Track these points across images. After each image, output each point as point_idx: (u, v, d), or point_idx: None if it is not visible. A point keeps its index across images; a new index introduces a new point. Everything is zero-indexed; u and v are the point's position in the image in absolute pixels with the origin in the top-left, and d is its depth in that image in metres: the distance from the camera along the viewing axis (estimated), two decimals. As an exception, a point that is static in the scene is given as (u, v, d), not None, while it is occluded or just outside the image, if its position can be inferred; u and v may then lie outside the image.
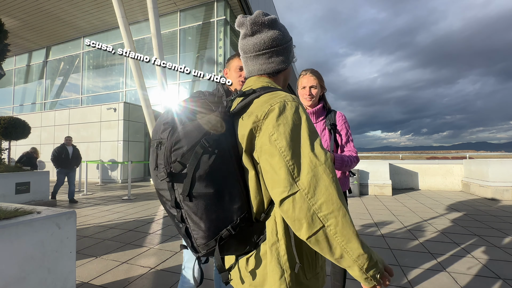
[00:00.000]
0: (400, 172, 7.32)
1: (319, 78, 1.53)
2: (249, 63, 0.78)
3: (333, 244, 0.54)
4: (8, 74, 15.58)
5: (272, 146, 0.58)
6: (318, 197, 0.53)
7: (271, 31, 0.75)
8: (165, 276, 2.19)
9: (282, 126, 0.59)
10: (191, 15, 11.14)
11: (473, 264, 2.37)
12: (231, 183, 0.63)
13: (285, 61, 0.78)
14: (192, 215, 0.62)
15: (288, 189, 0.55)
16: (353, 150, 1.50)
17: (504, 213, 4.30)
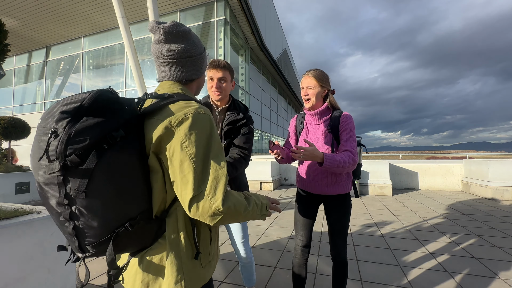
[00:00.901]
0: (400, 172, 7.32)
1: (319, 78, 1.45)
2: (162, 68, 0.82)
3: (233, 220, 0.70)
4: (8, 74, 15.59)
5: (183, 153, 0.64)
6: (218, 196, 0.63)
7: (184, 42, 0.80)
8: (165, 276, 2.19)
9: (194, 135, 0.66)
10: (191, 15, 11.14)
11: (473, 264, 2.37)
12: (133, 181, 0.64)
13: (198, 71, 0.86)
14: (85, 213, 0.59)
15: (195, 191, 0.63)
16: (351, 150, 1.37)
17: (504, 213, 4.30)
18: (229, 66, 1.55)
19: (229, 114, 1.55)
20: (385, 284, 2.03)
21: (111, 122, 0.60)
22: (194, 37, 0.84)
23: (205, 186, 0.64)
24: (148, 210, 0.68)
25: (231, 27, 10.97)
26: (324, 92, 1.47)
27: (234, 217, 0.69)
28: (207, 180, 0.65)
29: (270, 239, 3.09)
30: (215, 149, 0.69)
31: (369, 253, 2.64)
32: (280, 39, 18.88)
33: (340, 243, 1.48)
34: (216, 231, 0.86)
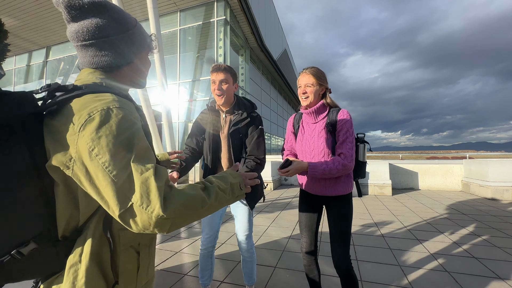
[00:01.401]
0: (400, 172, 7.32)
1: (317, 76, 1.41)
2: (79, 53, 0.66)
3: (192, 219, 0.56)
4: (8, 74, 15.59)
5: (93, 163, 0.50)
6: (154, 203, 0.49)
7: (97, 17, 0.63)
8: (165, 276, 2.19)
9: (104, 138, 0.51)
10: (191, 15, 11.14)
11: (473, 264, 2.37)
12: (22, 196, 0.51)
13: (124, 55, 0.66)
14: None
15: (121, 205, 0.50)
16: (345, 153, 1.32)
17: (504, 213, 4.30)
18: (230, 68, 1.57)
19: (234, 115, 1.59)
20: (385, 284, 2.03)
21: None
22: (112, 10, 0.65)
23: (135, 197, 0.50)
24: (49, 231, 0.55)
25: (231, 27, 10.98)
26: (322, 90, 1.44)
27: (191, 216, 0.55)
28: (133, 189, 0.50)
29: (270, 239, 3.09)
30: (138, 149, 0.54)
31: (369, 253, 2.64)
32: (280, 39, 18.88)
33: (340, 250, 1.40)
34: (148, 253, 0.68)
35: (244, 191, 0.73)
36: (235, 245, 2.89)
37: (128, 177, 0.50)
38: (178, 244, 2.96)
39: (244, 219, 1.66)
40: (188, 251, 2.74)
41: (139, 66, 0.74)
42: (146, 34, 0.76)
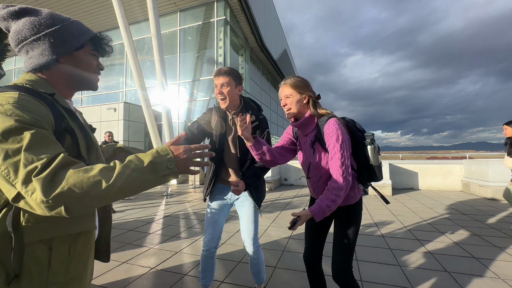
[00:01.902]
0: (400, 172, 7.32)
1: (294, 85, 1.32)
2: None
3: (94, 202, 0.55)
4: (8, 74, 15.58)
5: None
6: (36, 188, 0.50)
7: (17, 23, 0.66)
8: (165, 276, 2.19)
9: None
10: (191, 15, 11.14)
11: (473, 264, 2.37)
12: None
13: (47, 53, 0.67)
14: None
15: (10, 194, 0.53)
16: (334, 173, 1.18)
17: (504, 213, 4.30)
18: (231, 71, 1.56)
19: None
20: (385, 284, 2.03)
21: None
22: (33, 12, 0.68)
23: (19, 185, 0.51)
24: None
25: (231, 27, 10.97)
26: (305, 99, 1.32)
27: (88, 199, 0.53)
28: (18, 177, 0.52)
29: (270, 239, 3.09)
30: (28, 141, 0.54)
31: (369, 253, 2.64)
32: (280, 39, 18.88)
33: (339, 259, 1.32)
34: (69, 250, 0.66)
35: (176, 169, 0.64)
36: (235, 245, 2.89)
37: (14, 168, 0.52)
38: (178, 244, 2.96)
39: (250, 220, 1.65)
40: (188, 251, 2.74)
41: (72, 65, 0.73)
42: (80, 32, 0.75)
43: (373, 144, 1.31)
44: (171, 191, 7.15)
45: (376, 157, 1.29)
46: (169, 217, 4.20)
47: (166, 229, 3.57)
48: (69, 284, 0.66)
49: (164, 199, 5.92)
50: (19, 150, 0.52)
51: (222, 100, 1.55)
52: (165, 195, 6.49)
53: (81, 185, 0.52)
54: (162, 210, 4.75)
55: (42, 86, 0.67)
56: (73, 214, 0.53)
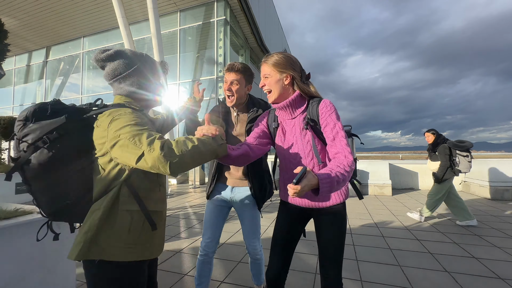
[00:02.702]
0: (400, 172, 7.32)
1: (275, 62, 1.13)
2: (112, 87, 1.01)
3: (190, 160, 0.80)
4: (8, 74, 15.58)
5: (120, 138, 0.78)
6: (156, 148, 0.74)
7: (113, 63, 0.96)
8: (165, 276, 2.19)
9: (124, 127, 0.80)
10: (191, 15, 11.15)
11: (473, 264, 2.37)
12: (66, 172, 0.86)
13: (134, 84, 0.98)
14: (36, 191, 0.86)
15: (138, 155, 0.75)
16: (342, 151, 1.00)
17: (504, 213, 4.30)
18: (244, 69, 1.53)
19: (250, 112, 1.56)
20: (385, 284, 2.03)
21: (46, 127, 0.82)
22: (122, 55, 0.97)
23: (144, 147, 0.75)
24: (85, 195, 0.92)
25: (231, 27, 10.98)
26: (286, 78, 1.14)
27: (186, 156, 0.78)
28: (143, 143, 0.76)
29: (270, 239, 3.09)
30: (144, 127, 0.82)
31: (369, 253, 2.64)
32: (280, 39, 18.89)
33: (333, 273, 1.12)
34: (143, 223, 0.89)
35: (225, 141, 0.97)
36: (235, 245, 2.89)
37: (139, 139, 0.77)
38: (178, 244, 2.96)
39: (252, 223, 1.61)
40: (188, 251, 2.74)
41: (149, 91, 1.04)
42: (153, 62, 1.06)
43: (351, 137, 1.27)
44: (171, 191, 7.15)
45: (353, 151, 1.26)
46: (169, 217, 4.20)
47: (166, 229, 3.56)
48: (138, 246, 0.88)
49: (164, 199, 5.92)
50: (142, 130, 0.79)
51: (229, 97, 1.52)
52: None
53: (179, 146, 0.78)
54: (162, 210, 4.75)
55: (134, 105, 0.98)
56: (173, 170, 0.76)
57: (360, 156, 14.91)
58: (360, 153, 22.12)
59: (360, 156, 15.69)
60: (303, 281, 2.08)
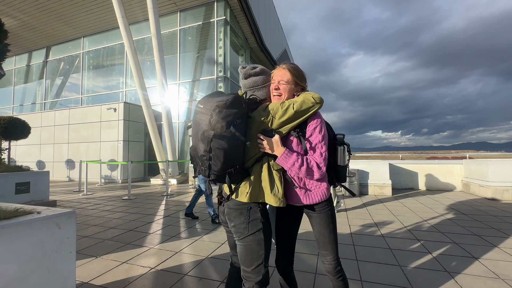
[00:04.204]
0: (400, 172, 7.32)
1: (295, 73, 1.29)
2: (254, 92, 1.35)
3: None
4: (8, 74, 15.59)
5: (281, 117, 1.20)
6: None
7: (257, 76, 1.32)
8: (165, 276, 2.19)
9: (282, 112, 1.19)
10: (191, 15, 11.14)
11: (473, 264, 2.37)
12: (237, 148, 1.15)
13: (265, 94, 1.33)
14: (214, 158, 1.12)
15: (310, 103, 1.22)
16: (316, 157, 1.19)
17: (504, 213, 4.30)
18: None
19: None
20: (385, 284, 2.03)
21: (237, 113, 1.12)
22: (263, 73, 1.33)
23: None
24: (243, 164, 1.20)
25: (231, 27, 10.97)
26: (297, 91, 1.31)
27: None
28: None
29: (270, 239, 3.09)
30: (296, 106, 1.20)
31: (369, 253, 2.64)
32: (280, 39, 18.89)
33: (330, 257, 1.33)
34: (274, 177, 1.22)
35: None
36: (235, 245, 2.89)
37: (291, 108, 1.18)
38: (178, 244, 2.96)
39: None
40: (188, 251, 2.74)
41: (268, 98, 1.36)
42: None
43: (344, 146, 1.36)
44: (171, 191, 7.15)
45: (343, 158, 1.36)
46: (169, 217, 4.20)
47: (166, 229, 3.57)
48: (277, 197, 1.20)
49: (164, 199, 5.92)
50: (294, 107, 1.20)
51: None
52: (165, 195, 6.49)
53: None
54: (162, 210, 4.75)
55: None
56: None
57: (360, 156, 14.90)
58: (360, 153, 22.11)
59: (360, 156, 15.69)
60: (303, 281, 2.07)
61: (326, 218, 1.31)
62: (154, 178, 9.62)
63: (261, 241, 1.18)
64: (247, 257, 1.18)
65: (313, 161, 1.19)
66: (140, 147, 10.85)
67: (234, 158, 1.14)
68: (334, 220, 1.35)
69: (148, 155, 11.25)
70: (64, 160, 10.98)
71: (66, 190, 7.59)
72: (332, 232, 1.32)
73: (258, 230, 1.19)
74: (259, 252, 1.18)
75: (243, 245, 1.19)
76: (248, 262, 1.18)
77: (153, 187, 8.37)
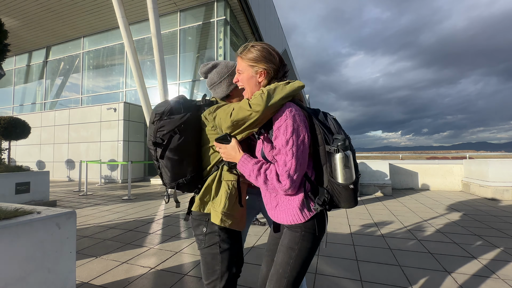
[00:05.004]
0: (400, 172, 7.32)
1: (249, 56, 1.00)
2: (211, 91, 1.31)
3: None
4: (8, 74, 15.58)
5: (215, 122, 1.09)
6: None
7: (212, 73, 1.25)
8: (165, 276, 2.19)
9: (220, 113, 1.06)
10: (191, 15, 11.14)
11: (473, 264, 2.37)
12: (188, 154, 1.11)
13: (225, 90, 1.22)
14: (163, 167, 1.12)
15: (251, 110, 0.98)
16: (280, 168, 0.88)
17: (504, 213, 4.30)
18: None
19: None
20: (385, 284, 2.03)
21: (175, 121, 1.07)
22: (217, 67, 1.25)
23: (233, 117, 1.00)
24: (198, 173, 1.16)
25: (231, 27, 10.97)
26: (261, 75, 1.00)
27: None
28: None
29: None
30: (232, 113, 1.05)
31: (369, 253, 2.64)
32: (280, 39, 18.88)
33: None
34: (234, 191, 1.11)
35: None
36: (235, 245, 2.88)
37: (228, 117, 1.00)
38: (178, 244, 2.96)
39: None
40: (188, 251, 2.74)
41: (237, 95, 1.23)
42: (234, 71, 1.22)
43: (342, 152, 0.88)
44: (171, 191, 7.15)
45: (343, 172, 0.88)
46: (169, 217, 4.20)
47: (166, 229, 3.57)
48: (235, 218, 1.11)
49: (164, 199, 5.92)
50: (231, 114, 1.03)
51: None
52: (164, 195, 6.48)
53: None
54: (162, 210, 4.75)
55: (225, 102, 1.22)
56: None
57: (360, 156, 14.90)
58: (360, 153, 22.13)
59: (360, 156, 15.69)
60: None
61: (291, 245, 0.96)
62: (154, 178, 9.62)
63: (216, 256, 1.11)
64: (203, 270, 1.14)
65: (273, 171, 0.89)
66: (140, 147, 10.85)
67: (182, 168, 1.10)
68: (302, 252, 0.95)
69: (148, 155, 11.25)
70: (64, 160, 10.98)
71: (66, 190, 7.59)
72: (287, 265, 0.95)
73: (214, 244, 1.11)
74: (214, 267, 1.11)
75: (201, 257, 1.15)
76: (204, 275, 1.14)
77: (153, 187, 8.38)
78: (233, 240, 1.15)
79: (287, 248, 0.96)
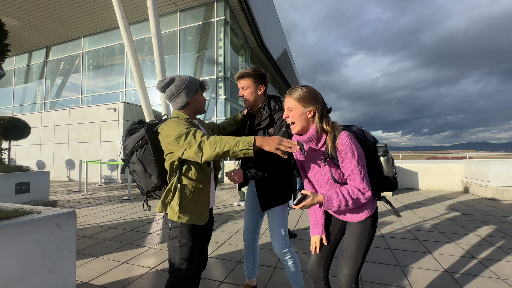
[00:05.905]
0: (400, 172, 7.32)
1: (298, 97, 1.19)
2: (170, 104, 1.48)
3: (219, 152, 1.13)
4: (8, 74, 15.59)
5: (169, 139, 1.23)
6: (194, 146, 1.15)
7: (170, 87, 1.40)
8: (165, 276, 2.19)
9: (168, 130, 1.23)
10: (191, 15, 11.14)
11: (473, 264, 2.37)
12: (151, 165, 1.34)
13: (184, 99, 1.39)
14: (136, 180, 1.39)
15: (182, 151, 1.18)
16: (357, 186, 1.14)
17: (504, 213, 4.30)
18: (249, 74, 1.60)
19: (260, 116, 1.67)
20: (385, 284, 2.03)
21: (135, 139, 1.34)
22: (174, 81, 1.39)
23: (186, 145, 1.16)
24: (162, 182, 1.37)
25: (231, 27, 10.97)
26: (309, 113, 1.19)
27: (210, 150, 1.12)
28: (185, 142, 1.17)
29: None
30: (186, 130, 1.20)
31: (369, 253, 2.64)
32: (280, 39, 18.88)
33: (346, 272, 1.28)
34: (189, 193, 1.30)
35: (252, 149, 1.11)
36: (235, 245, 2.89)
37: (184, 139, 1.17)
38: (178, 244, 2.96)
39: (273, 218, 1.61)
40: (188, 251, 2.74)
41: (195, 103, 1.43)
42: (195, 83, 1.41)
43: (386, 156, 1.24)
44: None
45: (390, 169, 1.24)
46: (169, 217, 4.20)
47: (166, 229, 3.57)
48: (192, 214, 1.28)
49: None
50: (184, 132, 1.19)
51: (243, 102, 1.67)
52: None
53: (209, 143, 1.13)
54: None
55: (183, 116, 1.38)
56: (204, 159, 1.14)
57: (360, 156, 14.86)
58: (360, 153, 22.12)
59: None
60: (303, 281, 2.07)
61: (361, 235, 1.26)
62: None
63: (176, 249, 1.26)
64: (169, 259, 1.30)
65: (354, 190, 1.13)
66: (140, 147, 10.83)
67: (147, 180, 1.35)
68: (371, 237, 1.29)
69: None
70: (64, 160, 10.98)
71: (66, 190, 7.59)
72: (360, 251, 1.26)
73: (175, 237, 1.27)
74: (174, 259, 1.26)
75: (168, 248, 1.31)
76: (169, 263, 1.30)
77: (153, 187, 8.37)
78: (193, 236, 1.28)
79: (360, 237, 1.26)
